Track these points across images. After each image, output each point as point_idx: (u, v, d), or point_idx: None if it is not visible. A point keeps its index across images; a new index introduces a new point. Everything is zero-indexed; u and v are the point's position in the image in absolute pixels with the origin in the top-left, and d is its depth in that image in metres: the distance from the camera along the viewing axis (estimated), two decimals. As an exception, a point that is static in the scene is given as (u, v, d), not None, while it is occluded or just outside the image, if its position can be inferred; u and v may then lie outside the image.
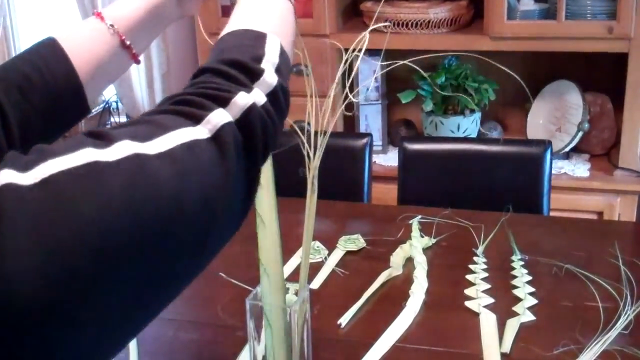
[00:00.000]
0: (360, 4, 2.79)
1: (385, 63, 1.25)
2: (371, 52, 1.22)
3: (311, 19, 2.68)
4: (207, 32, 2.81)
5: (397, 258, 1.67)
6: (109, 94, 3.31)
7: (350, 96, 1.14)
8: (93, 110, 3.16)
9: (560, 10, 2.45)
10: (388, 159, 2.82)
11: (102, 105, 3.25)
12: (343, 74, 1.12)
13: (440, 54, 1.87)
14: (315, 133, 1.10)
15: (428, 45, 2.66)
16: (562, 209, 2.51)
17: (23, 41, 3.58)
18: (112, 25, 0.96)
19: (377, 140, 2.82)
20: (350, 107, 1.17)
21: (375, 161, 2.69)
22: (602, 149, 2.75)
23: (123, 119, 3.37)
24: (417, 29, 2.64)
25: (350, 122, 2.85)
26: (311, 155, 1.10)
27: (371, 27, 1.09)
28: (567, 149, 2.67)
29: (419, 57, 1.20)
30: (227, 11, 2.68)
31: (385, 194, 2.48)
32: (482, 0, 2.57)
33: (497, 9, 2.50)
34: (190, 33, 3.03)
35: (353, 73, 1.13)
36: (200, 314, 1.55)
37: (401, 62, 1.21)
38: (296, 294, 1.16)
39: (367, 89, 2.83)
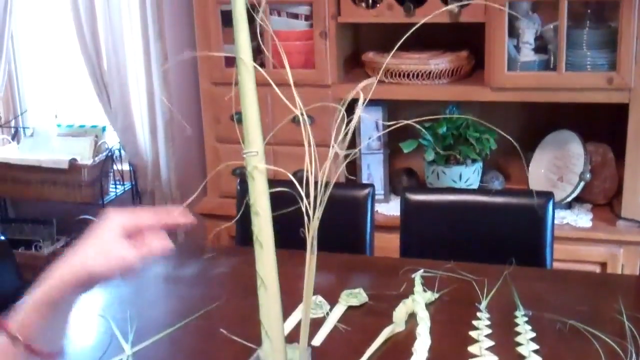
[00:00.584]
0: (361, 54, 2.82)
1: (390, 123, 1.25)
2: (373, 102, 1.23)
3: (313, 69, 2.71)
4: (211, 80, 2.85)
5: (400, 314, 1.66)
6: (112, 142, 3.32)
7: (352, 153, 1.15)
8: (96, 158, 3.19)
9: (561, 62, 2.47)
10: (390, 208, 2.82)
11: (105, 153, 3.26)
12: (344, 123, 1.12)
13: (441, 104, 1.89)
14: (315, 183, 1.10)
15: (429, 96, 2.68)
16: (565, 259, 2.50)
17: (27, 87, 3.62)
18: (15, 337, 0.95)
19: (379, 189, 2.83)
20: (353, 159, 1.17)
21: (377, 210, 2.69)
22: (604, 199, 2.74)
23: (126, 167, 3.38)
24: (419, 79, 2.66)
25: (352, 170, 2.86)
26: (311, 215, 1.09)
27: (376, 80, 1.10)
28: (569, 199, 2.67)
29: (423, 117, 1.21)
30: (229, 61, 2.70)
31: (388, 243, 2.47)
32: (483, 51, 2.59)
33: (498, 60, 2.52)
34: (193, 81, 3.05)
35: (352, 125, 1.12)
36: (201, 371, 1.54)
37: (405, 122, 1.21)
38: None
39: (369, 138, 2.84)
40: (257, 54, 2.00)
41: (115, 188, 3.39)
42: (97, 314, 1.78)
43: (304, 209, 1.09)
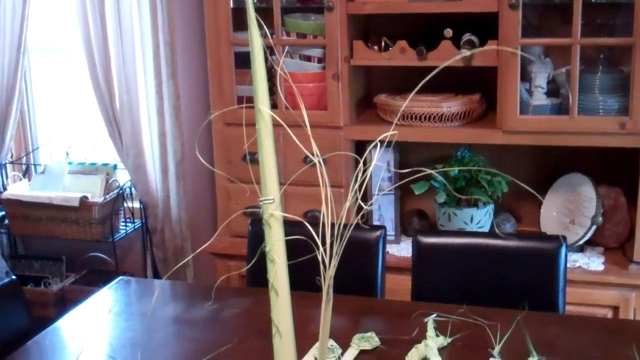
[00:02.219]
0: (374, 96, 2.83)
1: (404, 171, 1.25)
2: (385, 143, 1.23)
3: (325, 111, 2.72)
4: (223, 121, 2.86)
5: (413, 359, 1.65)
6: (123, 179, 3.33)
7: (365, 207, 1.15)
8: (107, 196, 3.20)
9: (573, 106, 2.48)
10: (401, 249, 2.81)
11: (116, 191, 3.27)
12: (356, 166, 1.12)
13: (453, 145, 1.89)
14: (332, 225, 1.09)
15: (441, 138, 2.69)
16: (577, 302, 2.48)
17: (39, 125, 3.65)
18: None
19: (390, 230, 2.82)
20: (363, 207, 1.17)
21: (388, 251, 2.68)
22: (616, 243, 2.73)
23: (136, 204, 3.39)
24: (430, 122, 2.67)
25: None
26: (327, 264, 1.09)
27: (391, 130, 1.10)
28: (581, 242, 2.66)
29: (434, 158, 1.21)
30: (242, 101, 2.72)
31: (399, 285, 2.46)
32: (495, 93, 2.60)
33: (510, 103, 2.53)
34: (205, 122, 3.07)
35: (368, 174, 1.12)
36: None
37: (421, 174, 1.21)
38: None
39: (380, 179, 2.85)
40: (270, 94, 2.02)
41: (126, 226, 3.40)
42: (108, 355, 1.77)
43: (320, 258, 1.09)
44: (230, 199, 2.93)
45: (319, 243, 1.08)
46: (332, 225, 1.07)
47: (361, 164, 1.11)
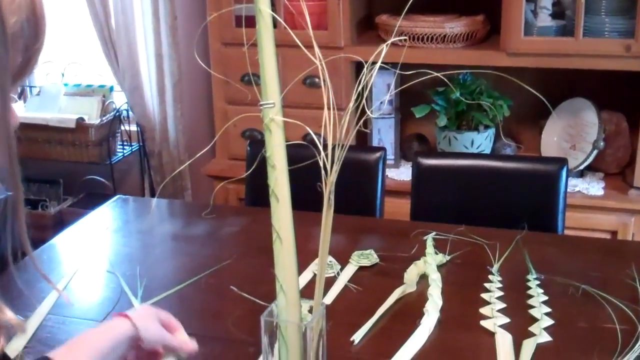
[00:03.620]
0: (375, 17, 2.78)
1: (407, 73, 1.23)
2: (386, 65, 1.20)
3: (326, 31, 2.67)
4: (221, 41, 2.81)
5: (411, 275, 1.65)
6: (120, 102, 3.29)
7: (368, 112, 1.13)
8: (103, 119, 3.16)
9: (578, 27, 2.43)
10: (400, 174, 2.80)
11: (112, 113, 3.23)
12: (359, 94, 1.10)
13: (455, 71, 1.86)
14: (332, 147, 1.08)
15: (443, 60, 2.64)
16: (576, 227, 2.48)
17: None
18: None
19: (390, 155, 2.80)
20: (365, 122, 1.15)
21: (387, 175, 2.67)
22: (616, 168, 2.72)
23: (133, 128, 3.36)
24: (433, 43, 2.62)
25: (363, 135, 2.83)
26: (328, 169, 1.07)
27: (389, 41, 1.07)
28: (581, 167, 2.64)
29: (436, 82, 1.18)
30: (240, 21, 2.66)
31: (397, 208, 2.46)
32: (499, 15, 2.55)
33: (514, 25, 2.48)
34: (202, 42, 3.02)
35: (368, 87, 1.10)
36: (211, 328, 1.53)
37: (419, 80, 1.18)
38: (310, 310, 1.14)
39: (381, 103, 2.81)
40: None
41: (123, 149, 3.38)
42: (106, 270, 1.77)
43: (321, 163, 1.07)
44: (228, 121, 2.90)
45: (321, 148, 1.06)
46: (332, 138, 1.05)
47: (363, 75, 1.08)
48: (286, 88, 2.76)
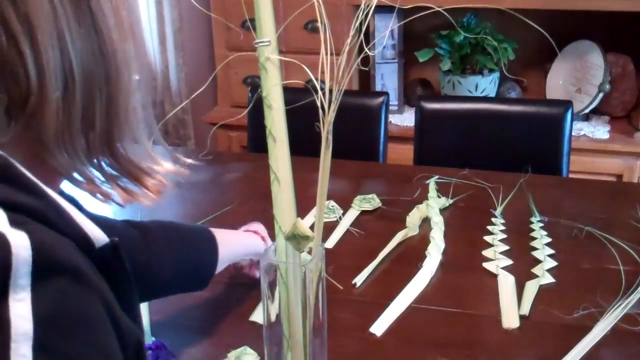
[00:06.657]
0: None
1: (407, 6, 1.20)
2: (388, 9, 1.18)
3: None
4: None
5: (414, 218, 1.64)
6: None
7: (366, 49, 1.10)
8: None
9: (584, -33, 2.38)
10: (404, 119, 2.78)
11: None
12: (359, 30, 1.07)
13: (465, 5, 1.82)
14: (330, 90, 1.06)
15: (447, 2, 2.59)
16: (581, 171, 2.47)
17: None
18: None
19: (393, 100, 2.77)
20: (366, 63, 1.13)
21: (390, 121, 2.65)
22: (622, 111, 2.69)
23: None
24: (436, -15, 2.57)
25: (366, 81, 2.80)
26: (326, 109, 1.05)
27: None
28: (586, 111, 2.62)
29: (440, 26, 1.15)
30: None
31: (401, 154, 2.44)
32: (503, -44, 2.49)
33: (519, -36, 2.43)
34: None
35: (365, 26, 1.07)
36: (213, 272, 1.52)
37: (421, 14, 1.15)
38: (310, 252, 1.13)
39: (383, 47, 2.77)
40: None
41: (125, 98, 3.35)
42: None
43: (318, 103, 1.05)
44: (229, 68, 2.87)
45: (318, 87, 1.04)
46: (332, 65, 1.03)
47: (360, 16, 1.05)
48: (288, 32, 2.72)
